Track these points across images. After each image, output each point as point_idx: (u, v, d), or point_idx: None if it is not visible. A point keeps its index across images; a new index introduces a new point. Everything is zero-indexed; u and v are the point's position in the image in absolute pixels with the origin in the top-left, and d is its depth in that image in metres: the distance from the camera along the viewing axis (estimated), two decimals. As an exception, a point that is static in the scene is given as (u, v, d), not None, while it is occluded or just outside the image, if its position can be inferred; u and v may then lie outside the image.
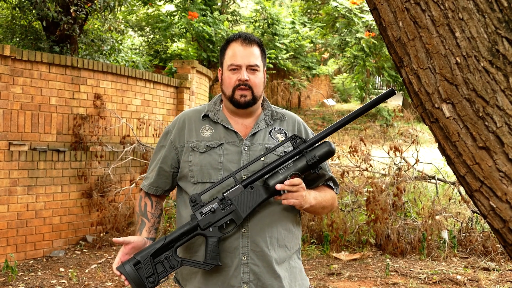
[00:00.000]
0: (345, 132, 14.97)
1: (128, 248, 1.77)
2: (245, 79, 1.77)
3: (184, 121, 1.87)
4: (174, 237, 1.70)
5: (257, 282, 1.73)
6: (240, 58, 1.78)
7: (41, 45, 7.88)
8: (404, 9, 1.33)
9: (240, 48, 1.79)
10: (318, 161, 1.70)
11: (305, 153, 1.71)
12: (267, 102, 1.91)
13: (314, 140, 1.73)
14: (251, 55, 1.79)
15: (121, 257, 1.75)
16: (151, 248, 1.69)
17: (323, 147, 1.72)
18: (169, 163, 1.86)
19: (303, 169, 1.70)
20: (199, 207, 1.70)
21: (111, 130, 6.47)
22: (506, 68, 1.24)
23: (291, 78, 16.58)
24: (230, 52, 1.81)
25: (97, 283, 4.68)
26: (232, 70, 1.79)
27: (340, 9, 15.23)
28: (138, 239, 1.80)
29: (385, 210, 5.61)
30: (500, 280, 4.71)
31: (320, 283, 4.67)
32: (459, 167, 1.33)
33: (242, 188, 1.69)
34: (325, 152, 1.71)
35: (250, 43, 1.81)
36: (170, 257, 1.69)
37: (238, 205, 1.68)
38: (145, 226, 1.87)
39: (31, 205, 5.41)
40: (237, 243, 1.73)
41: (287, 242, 1.80)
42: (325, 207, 1.85)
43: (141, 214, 1.90)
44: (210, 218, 1.69)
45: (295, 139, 1.73)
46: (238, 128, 1.83)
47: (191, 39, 14.99)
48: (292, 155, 1.71)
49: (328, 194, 1.87)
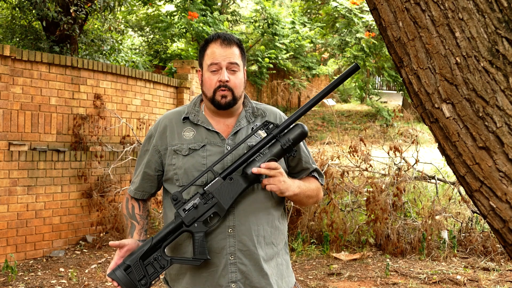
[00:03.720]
0: (345, 132, 14.97)
1: (123, 251, 1.78)
2: (226, 80, 1.77)
3: (165, 124, 1.87)
4: (160, 237, 1.71)
5: (245, 281, 1.74)
6: (220, 57, 1.78)
7: (41, 45, 7.87)
8: (404, 9, 1.33)
9: (219, 48, 1.79)
10: (293, 144, 1.72)
11: (279, 138, 1.72)
12: (247, 99, 1.91)
13: (286, 124, 1.74)
14: (231, 54, 1.79)
15: (117, 261, 1.77)
16: (140, 251, 1.71)
17: (296, 129, 1.73)
18: (153, 167, 1.87)
19: (279, 153, 1.72)
20: (181, 204, 1.71)
21: (111, 130, 6.47)
22: (506, 68, 1.24)
23: (291, 78, 16.58)
24: (209, 53, 1.80)
25: (97, 283, 4.68)
26: (212, 71, 1.79)
27: (340, 9, 15.22)
28: (132, 242, 1.81)
29: (385, 210, 5.61)
30: (500, 280, 4.71)
31: (320, 283, 4.67)
32: (459, 167, 1.33)
33: (221, 180, 1.70)
34: (299, 134, 1.73)
35: (230, 43, 1.80)
36: (159, 257, 1.71)
37: (220, 197, 1.70)
38: (136, 228, 1.89)
39: (31, 205, 5.40)
40: (224, 243, 1.74)
41: (274, 239, 1.82)
42: (310, 196, 1.86)
43: (130, 217, 1.91)
44: (193, 214, 1.70)
45: (267, 125, 1.74)
46: (220, 128, 1.84)
47: (191, 39, 14.99)
48: (266, 141, 1.73)
49: (313, 184, 1.89)
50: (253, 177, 1.70)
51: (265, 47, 15.96)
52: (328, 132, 14.41)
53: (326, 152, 6.49)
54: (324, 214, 5.99)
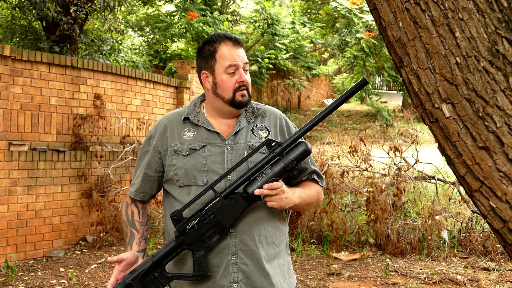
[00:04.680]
0: (345, 132, 14.97)
1: (122, 265, 1.78)
2: (246, 80, 1.80)
3: (165, 125, 1.87)
4: (160, 256, 1.73)
5: (247, 281, 1.74)
6: (238, 58, 1.80)
7: (41, 45, 7.87)
8: (404, 9, 1.33)
9: (233, 49, 1.80)
10: (296, 164, 1.71)
11: (282, 157, 1.71)
12: None
13: (289, 142, 1.73)
14: (243, 54, 1.83)
15: (116, 275, 1.77)
16: (141, 270, 1.73)
17: (299, 147, 1.72)
18: (154, 168, 1.87)
19: (280, 173, 1.70)
20: (182, 224, 1.72)
21: (111, 130, 6.47)
22: (506, 68, 1.24)
23: (291, 78, 16.57)
24: (224, 54, 1.80)
25: (97, 283, 4.68)
26: (230, 73, 1.79)
27: (340, 9, 15.22)
28: (130, 255, 1.81)
29: (385, 210, 5.61)
30: (500, 280, 4.71)
31: (320, 283, 4.67)
32: (459, 167, 1.33)
33: (222, 200, 1.70)
34: (301, 153, 1.72)
35: (240, 43, 1.83)
36: (159, 275, 1.73)
37: (221, 218, 1.70)
38: (135, 238, 1.88)
39: (31, 205, 5.40)
40: (225, 243, 1.74)
41: (275, 239, 1.82)
42: (310, 203, 1.86)
43: (129, 224, 1.91)
44: (194, 234, 1.71)
45: (270, 144, 1.73)
46: (220, 128, 1.84)
47: (191, 39, 14.99)
48: (268, 160, 1.72)
49: (313, 189, 1.88)
50: (255, 197, 1.70)
51: (265, 47, 15.96)
52: (328, 132, 14.40)
53: (326, 152, 6.49)
54: (324, 214, 5.99)
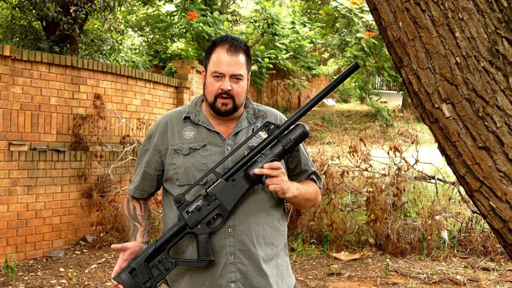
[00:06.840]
0: (345, 132, 14.97)
1: (126, 254, 1.79)
2: (228, 89, 1.75)
3: (166, 124, 1.87)
4: (164, 240, 1.72)
5: (244, 280, 1.75)
6: (225, 66, 1.75)
7: (41, 45, 7.87)
8: (404, 9, 1.33)
9: (225, 56, 1.76)
10: (294, 144, 1.73)
11: (280, 138, 1.73)
12: (248, 100, 1.90)
13: (287, 124, 1.74)
14: (236, 64, 1.76)
15: (121, 264, 1.77)
16: (144, 254, 1.72)
17: (297, 129, 1.74)
18: (153, 167, 1.87)
19: (280, 154, 1.73)
20: (184, 207, 1.72)
21: (111, 130, 6.47)
22: (506, 68, 1.24)
23: (291, 78, 16.57)
24: (215, 58, 1.77)
25: (97, 283, 4.68)
26: (216, 77, 1.77)
27: (340, 9, 15.22)
28: (135, 244, 1.82)
29: (385, 210, 5.61)
30: (500, 280, 4.71)
31: (320, 283, 4.67)
32: (459, 167, 1.33)
33: (224, 182, 1.71)
34: (300, 134, 1.74)
35: (236, 50, 1.77)
36: (163, 259, 1.72)
37: (223, 199, 1.70)
38: (138, 230, 1.89)
39: (31, 205, 5.40)
40: (223, 242, 1.74)
41: (274, 240, 1.82)
42: (308, 199, 1.86)
43: (132, 218, 1.91)
44: (197, 216, 1.71)
45: (268, 126, 1.75)
46: (220, 128, 1.84)
47: (191, 39, 14.99)
48: (268, 142, 1.73)
49: (311, 187, 1.89)
50: (256, 178, 1.70)
51: (265, 47, 15.96)
52: (328, 132, 14.40)
53: (326, 152, 6.49)
54: (324, 214, 5.99)
